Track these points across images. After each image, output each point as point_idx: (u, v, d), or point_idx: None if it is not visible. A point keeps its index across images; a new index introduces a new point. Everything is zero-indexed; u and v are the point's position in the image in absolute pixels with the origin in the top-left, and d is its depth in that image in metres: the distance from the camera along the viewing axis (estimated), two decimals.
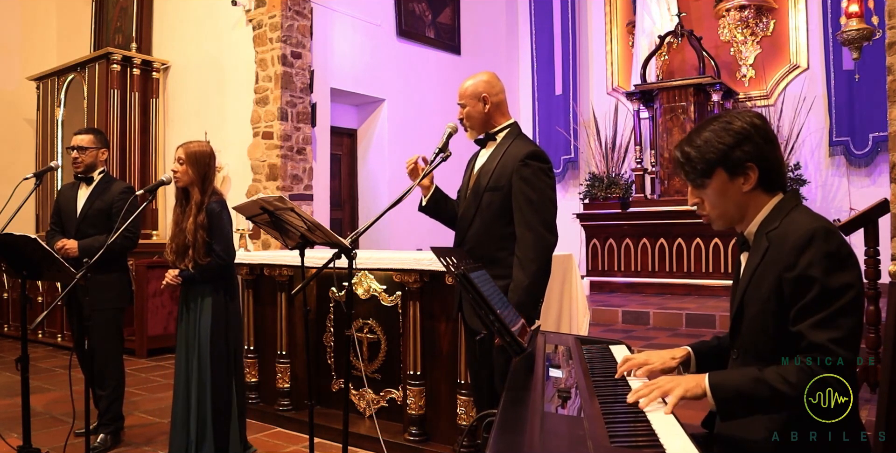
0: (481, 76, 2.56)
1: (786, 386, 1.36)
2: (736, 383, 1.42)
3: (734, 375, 1.47)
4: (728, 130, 1.50)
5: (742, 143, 1.49)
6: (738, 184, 1.51)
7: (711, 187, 1.54)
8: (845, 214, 6.74)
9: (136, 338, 5.73)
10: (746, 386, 1.39)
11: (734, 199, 1.53)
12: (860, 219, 3.54)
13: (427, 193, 2.60)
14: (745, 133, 1.50)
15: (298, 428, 3.60)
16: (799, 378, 1.35)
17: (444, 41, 8.29)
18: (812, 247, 1.38)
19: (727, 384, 1.42)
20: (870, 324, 3.45)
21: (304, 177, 6.13)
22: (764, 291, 1.46)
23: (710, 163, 1.51)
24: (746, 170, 1.50)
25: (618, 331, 5.80)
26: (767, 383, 1.37)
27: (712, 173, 1.52)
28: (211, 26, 6.48)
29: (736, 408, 1.41)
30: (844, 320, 1.37)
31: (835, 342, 1.35)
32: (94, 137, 3.58)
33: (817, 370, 1.35)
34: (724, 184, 1.52)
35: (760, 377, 1.39)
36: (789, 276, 1.41)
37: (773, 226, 1.48)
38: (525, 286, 2.32)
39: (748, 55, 8.19)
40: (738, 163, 1.49)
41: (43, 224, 6.78)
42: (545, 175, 2.43)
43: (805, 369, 1.36)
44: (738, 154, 1.49)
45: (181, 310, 2.97)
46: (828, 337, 1.36)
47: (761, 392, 1.37)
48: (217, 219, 2.91)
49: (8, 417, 3.78)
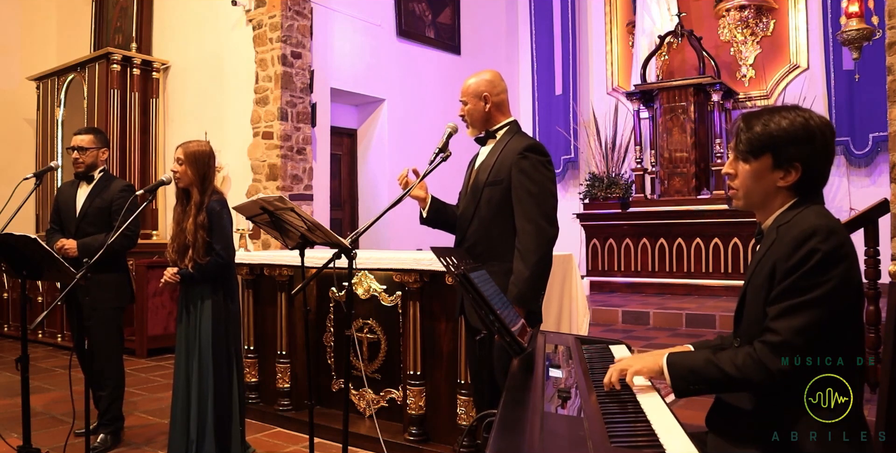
0: (484, 75, 2.57)
1: (732, 369, 1.43)
2: (690, 362, 1.51)
3: (691, 355, 1.56)
4: (800, 124, 1.49)
5: (804, 142, 1.48)
6: (777, 176, 1.51)
7: (752, 166, 1.53)
8: (845, 214, 6.74)
9: (136, 338, 5.73)
10: (699, 366, 1.48)
11: (765, 187, 1.53)
12: (860, 219, 3.54)
13: (425, 205, 2.60)
14: (813, 135, 1.49)
15: (298, 428, 3.60)
16: (744, 361, 1.42)
17: (444, 41, 8.29)
18: (809, 242, 1.39)
19: (683, 362, 1.51)
20: (870, 324, 3.45)
21: (304, 177, 6.13)
22: (760, 280, 1.48)
23: (765, 143, 1.50)
24: (791, 167, 1.49)
25: (618, 331, 5.80)
26: (717, 364, 1.45)
27: (760, 155, 1.51)
28: (211, 26, 6.48)
29: (687, 385, 1.48)
30: (810, 311, 1.37)
31: (790, 329, 1.38)
32: (95, 137, 3.58)
33: (761, 353, 1.40)
34: (764, 170, 1.52)
35: (712, 358, 1.47)
36: (781, 267, 1.42)
37: (786, 220, 1.49)
38: (526, 277, 2.32)
39: (748, 55, 8.19)
40: (789, 157, 1.49)
41: (43, 224, 6.78)
42: (544, 167, 2.43)
43: (752, 353, 1.42)
44: (794, 150, 1.48)
45: (180, 310, 2.97)
46: (785, 323, 1.38)
47: (711, 372, 1.46)
48: (217, 219, 2.90)
49: (8, 417, 3.78)
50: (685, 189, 7.49)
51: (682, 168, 7.55)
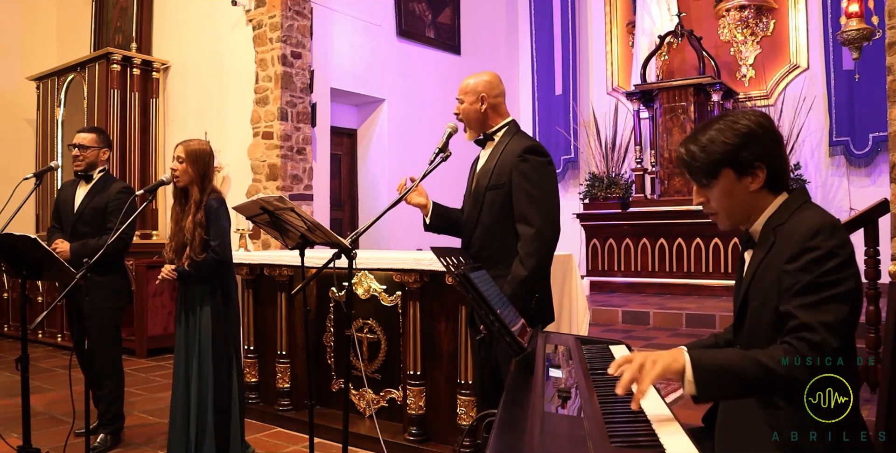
0: (483, 76, 2.56)
1: (776, 365, 1.31)
2: (719, 358, 1.36)
3: (715, 352, 1.44)
4: (734, 130, 1.49)
5: (750, 143, 1.48)
6: (746, 183, 1.50)
7: (718, 187, 1.52)
8: (845, 214, 6.74)
9: (136, 338, 5.73)
10: (731, 361, 1.34)
11: (740, 199, 1.52)
12: (860, 219, 3.54)
13: (427, 212, 2.59)
14: (752, 132, 1.49)
15: (298, 428, 3.60)
16: (787, 354, 1.31)
17: (444, 41, 8.29)
18: (816, 240, 1.39)
19: (709, 358, 1.35)
20: (870, 324, 3.44)
21: (304, 177, 6.13)
22: (766, 284, 1.46)
23: (716, 163, 1.50)
24: (755, 169, 1.49)
25: (618, 331, 5.80)
26: (757, 360, 1.32)
27: (719, 173, 1.51)
28: (211, 26, 6.48)
29: (716, 386, 1.32)
30: (837, 306, 1.36)
31: (824, 325, 1.34)
32: (97, 137, 3.59)
33: (804, 350, 1.31)
34: (732, 184, 1.51)
35: (746, 354, 1.35)
36: (790, 268, 1.41)
37: (781, 221, 1.48)
38: (522, 278, 2.32)
39: (748, 55, 8.19)
40: (747, 163, 1.48)
41: (43, 224, 6.78)
42: (545, 168, 2.43)
43: (789, 349, 1.32)
44: (746, 154, 1.48)
45: (180, 310, 2.96)
46: (818, 318, 1.34)
47: (748, 369, 1.31)
48: (214, 216, 2.90)
49: (8, 417, 3.78)
50: (685, 189, 7.49)
51: None
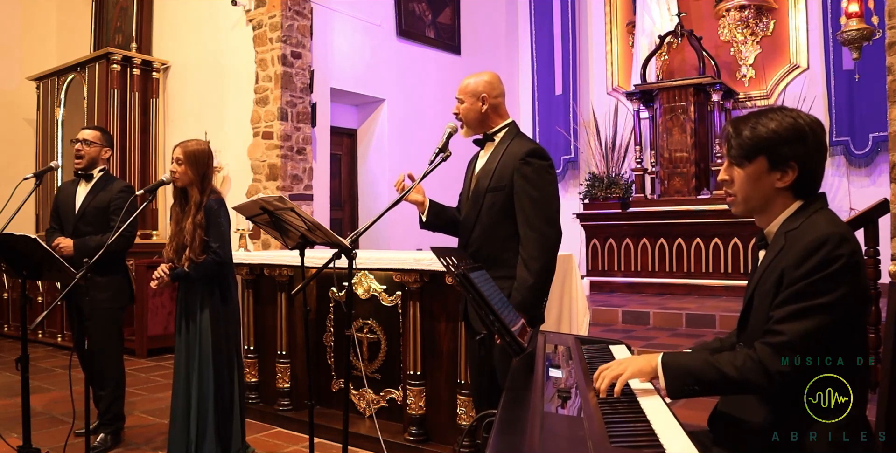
0: (484, 76, 2.56)
1: (731, 370, 1.41)
2: (686, 363, 1.48)
3: (687, 356, 1.53)
4: (787, 123, 1.50)
5: (794, 141, 1.49)
6: (775, 177, 1.51)
7: (748, 170, 1.53)
8: (845, 214, 6.73)
9: (136, 338, 5.73)
10: (695, 366, 1.46)
11: (763, 190, 1.53)
12: (860, 219, 3.54)
13: (424, 210, 2.59)
14: (801, 132, 1.49)
15: (298, 428, 3.60)
16: (744, 363, 1.41)
17: (444, 41, 8.29)
18: (821, 250, 1.39)
19: (678, 363, 1.48)
20: (870, 324, 3.45)
21: (304, 177, 6.13)
22: (768, 286, 1.47)
23: (756, 147, 1.51)
24: (788, 167, 1.49)
25: (618, 331, 5.79)
26: (715, 365, 1.43)
27: (754, 158, 1.51)
28: (211, 26, 6.48)
29: (682, 386, 1.46)
30: (817, 316, 1.37)
31: (796, 333, 1.37)
32: (101, 135, 3.61)
33: (764, 355, 1.38)
34: (761, 173, 1.52)
35: (710, 359, 1.46)
36: (789, 273, 1.41)
37: (794, 226, 1.49)
38: (529, 285, 2.32)
39: (748, 55, 8.19)
40: (783, 158, 1.49)
41: (43, 224, 6.78)
42: (546, 172, 2.43)
43: (752, 355, 1.41)
44: (786, 150, 1.49)
45: (179, 310, 2.96)
46: (789, 326, 1.38)
47: (708, 373, 1.43)
48: (214, 217, 2.90)
49: (8, 417, 3.78)
50: (685, 189, 7.49)
51: (682, 168, 7.55)
